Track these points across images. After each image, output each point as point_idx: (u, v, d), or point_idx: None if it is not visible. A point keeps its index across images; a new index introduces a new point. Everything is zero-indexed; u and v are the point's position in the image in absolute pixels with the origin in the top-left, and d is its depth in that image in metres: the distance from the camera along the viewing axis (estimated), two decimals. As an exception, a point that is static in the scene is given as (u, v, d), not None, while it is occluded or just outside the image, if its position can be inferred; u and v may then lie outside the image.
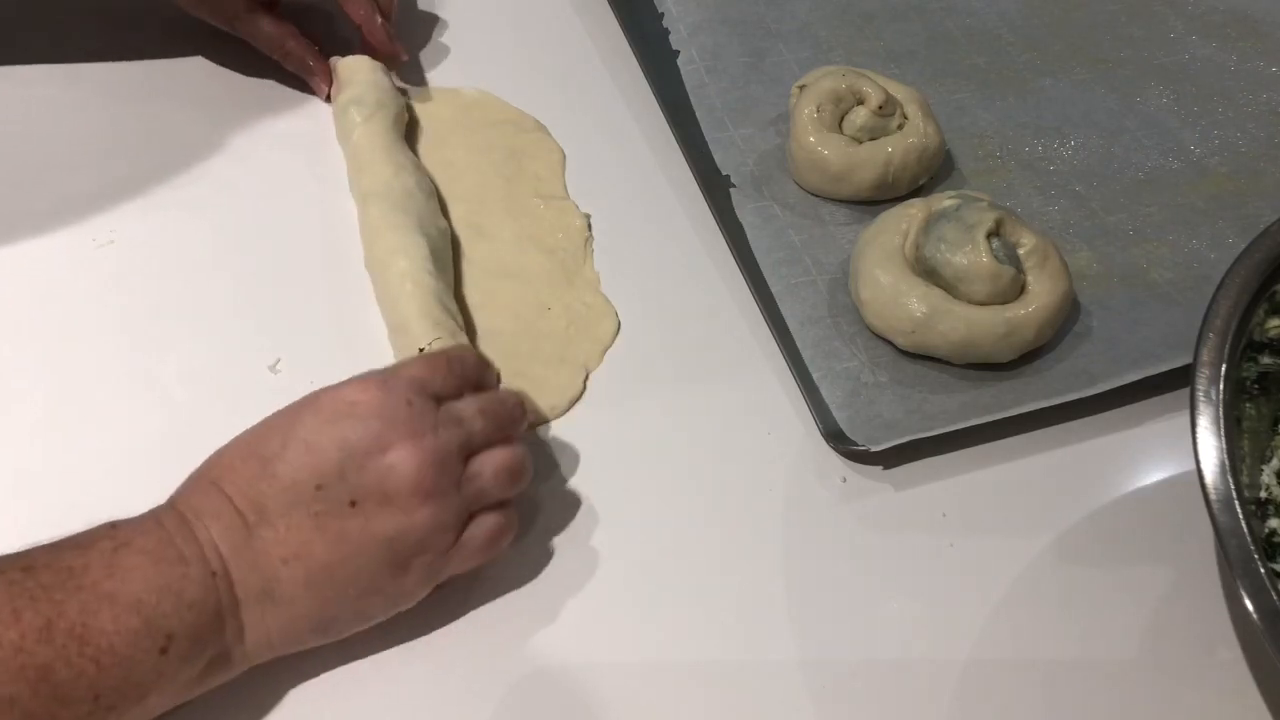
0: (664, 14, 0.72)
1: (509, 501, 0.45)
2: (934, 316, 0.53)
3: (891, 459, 0.52)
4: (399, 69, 0.66)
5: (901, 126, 0.62)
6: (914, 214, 0.56)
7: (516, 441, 0.45)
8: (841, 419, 0.52)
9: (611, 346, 0.56)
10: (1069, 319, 0.56)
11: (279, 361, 0.53)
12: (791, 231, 0.61)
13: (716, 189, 0.62)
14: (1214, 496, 0.42)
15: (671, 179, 0.64)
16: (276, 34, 0.63)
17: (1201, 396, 0.44)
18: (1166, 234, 0.62)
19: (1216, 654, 0.47)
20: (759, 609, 0.47)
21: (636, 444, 0.52)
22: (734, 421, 0.53)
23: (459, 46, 0.70)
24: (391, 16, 0.65)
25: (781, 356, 0.55)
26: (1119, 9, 0.77)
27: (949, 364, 0.55)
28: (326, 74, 0.64)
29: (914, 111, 0.62)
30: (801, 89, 0.63)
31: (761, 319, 0.57)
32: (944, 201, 0.56)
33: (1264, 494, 0.48)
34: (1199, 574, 0.49)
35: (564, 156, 0.64)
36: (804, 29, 0.72)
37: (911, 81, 0.66)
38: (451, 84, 0.68)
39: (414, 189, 0.57)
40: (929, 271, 0.54)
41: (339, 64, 0.63)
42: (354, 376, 0.43)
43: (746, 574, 0.48)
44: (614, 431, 0.52)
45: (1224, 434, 0.43)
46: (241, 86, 0.65)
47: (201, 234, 0.58)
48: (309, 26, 0.64)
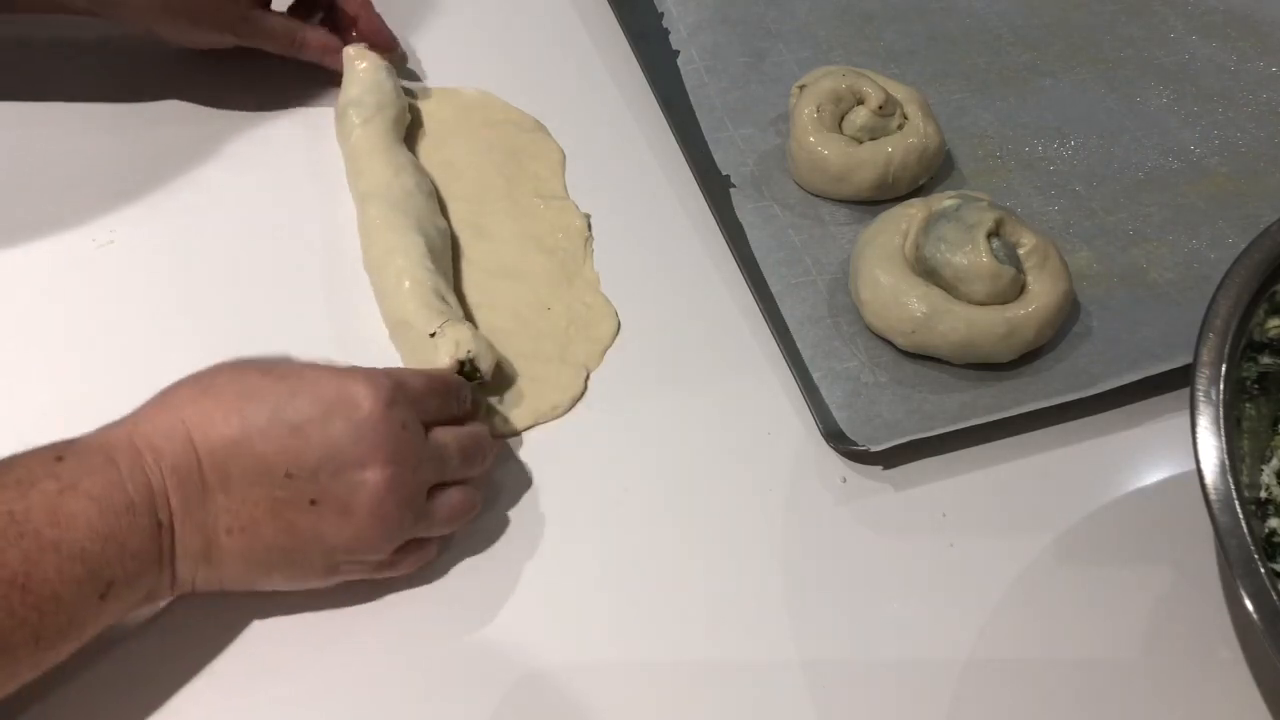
0: (664, 14, 0.72)
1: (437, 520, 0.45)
2: (934, 316, 0.53)
3: (891, 459, 0.52)
4: (397, 65, 0.65)
5: (901, 126, 0.62)
6: (914, 214, 0.56)
7: (473, 482, 0.46)
8: (841, 419, 0.52)
9: (611, 346, 0.56)
10: (1069, 319, 0.57)
11: (279, 361, 0.53)
12: (791, 231, 0.61)
13: (716, 189, 0.62)
14: (1214, 496, 0.42)
15: (671, 179, 0.64)
16: (286, 26, 0.62)
17: (1201, 396, 0.44)
18: (1166, 234, 0.62)
19: (1216, 654, 0.47)
20: (759, 609, 0.47)
21: (636, 444, 0.52)
22: (734, 422, 0.53)
23: (459, 46, 0.70)
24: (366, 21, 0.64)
25: (781, 356, 0.55)
26: (1119, 9, 0.77)
27: (949, 364, 0.55)
28: (339, 55, 0.63)
29: (914, 111, 0.62)
30: (801, 89, 0.63)
31: (761, 319, 0.57)
32: (944, 201, 0.56)
33: (1264, 494, 0.48)
34: (1199, 574, 0.49)
35: (564, 156, 0.64)
36: (804, 29, 0.72)
37: (911, 81, 0.66)
38: (451, 84, 0.68)
39: (413, 189, 0.57)
40: (929, 271, 0.54)
41: (345, 52, 0.63)
42: (361, 369, 0.43)
43: (746, 574, 0.48)
44: (614, 431, 0.52)
45: (1224, 434, 0.43)
46: (242, 89, 0.65)
47: (201, 235, 0.58)
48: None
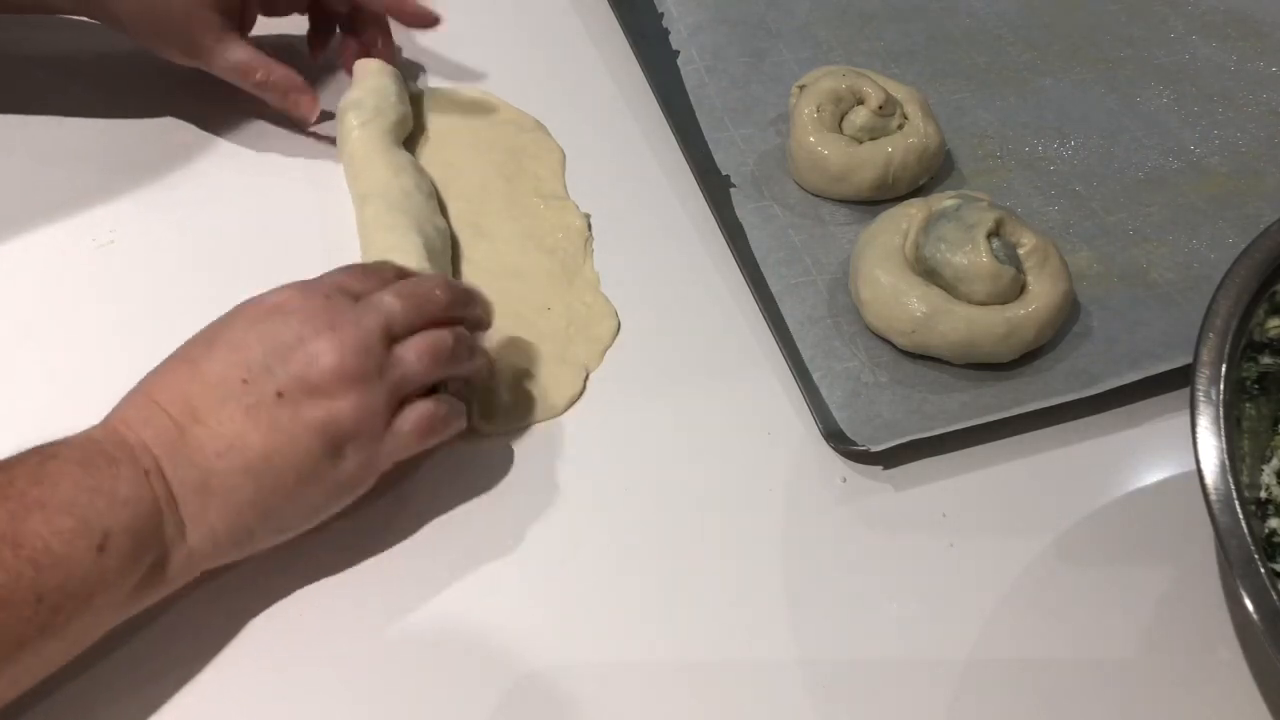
0: (664, 14, 0.72)
1: (443, 387, 0.46)
2: (934, 316, 0.53)
3: (891, 459, 0.52)
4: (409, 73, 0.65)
5: (901, 126, 0.62)
6: (914, 214, 0.56)
7: (443, 326, 0.46)
8: (841, 419, 0.52)
9: (611, 346, 0.56)
10: (1069, 319, 0.57)
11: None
12: (791, 231, 0.61)
13: (716, 189, 0.62)
14: (1214, 496, 0.42)
15: (671, 179, 0.64)
16: (249, 59, 0.59)
17: (1201, 396, 0.44)
18: (1166, 234, 0.62)
19: (1216, 654, 0.47)
20: (759, 609, 0.47)
21: (636, 444, 0.52)
22: (734, 421, 0.53)
23: (459, 46, 0.70)
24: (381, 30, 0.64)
25: (781, 356, 0.55)
26: (1119, 9, 0.77)
27: (949, 364, 0.55)
28: (309, 97, 0.61)
29: (914, 111, 0.62)
30: (801, 89, 0.63)
31: (761, 319, 0.57)
32: (944, 201, 0.56)
33: (1264, 494, 0.48)
34: (1199, 574, 0.49)
35: (564, 156, 0.64)
36: (804, 29, 0.73)
37: (911, 81, 0.66)
38: (451, 84, 0.68)
39: (412, 189, 0.57)
40: (929, 271, 0.54)
41: (357, 65, 0.63)
42: (275, 287, 0.45)
43: (746, 574, 0.48)
44: (614, 431, 0.52)
45: (1224, 434, 0.43)
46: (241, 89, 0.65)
47: (201, 234, 0.58)
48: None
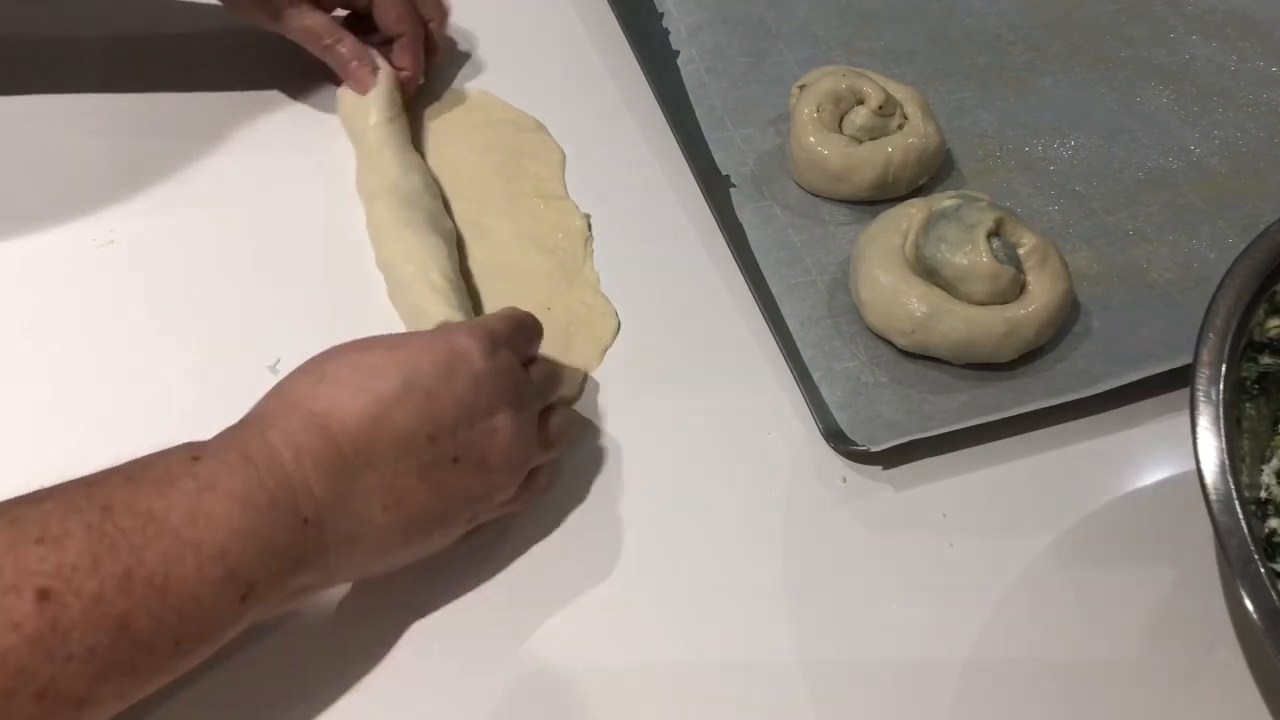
0: (664, 14, 0.72)
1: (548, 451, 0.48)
2: (934, 316, 0.53)
3: (891, 459, 0.52)
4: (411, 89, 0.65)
5: (901, 126, 0.62)
6: (914, 214, 0.56)
7: (561, 403, 0.49)
8: (841, 419, 0.52)
9: (611, 346, 0.56)
10: (1069, 319, 0.57)
11: (279, 361, 0.53)
12: (791, 231, 0.61)
13: (716, 189, 0.62)
14: (1214, 496, 0.42)
15: (671, 179, 0.64)
16: (319, 27, 0.61)
17: (1201, 396, 0.44)
18: (1166, 234, 0.62)
19: (1216, 654, 0.47)
20: (759, 609, 0.47)
21: (636, 444, 0.52)
22: (734, 421, 0.53)
23: (459, 46, 0.70)
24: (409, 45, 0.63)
25: (781, 356, 0.55)
26: (1119, 9, 0.77)
27: (949, 364, 0.55)
28: (368, 70, 0.62)
29: (914, 111, 0.62)
30: (801, 89, 0.63)
31: (761, 319, 0.57)
32: (944, 201, 0.56)
33: (1264, 494, 0.48)
34: (1199, 574, 0.49)
35: (564, 156, 0.64)
36: (804, 29, 0.72)
37: (911, 81, 0.66)
38: (451, 84, 0.68)
39: (421, 189, 0.58)
40: (929, 271, 0.54)
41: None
42: (452, 324, 0.46)
43: (746, 574, 0.48)
44: (613, 431, 0.52)
45: (1224, 434, 0.43)
46: (246, 86, 0.65)
47: (201, 234, 0.58)
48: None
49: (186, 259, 0.57)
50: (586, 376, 0.54)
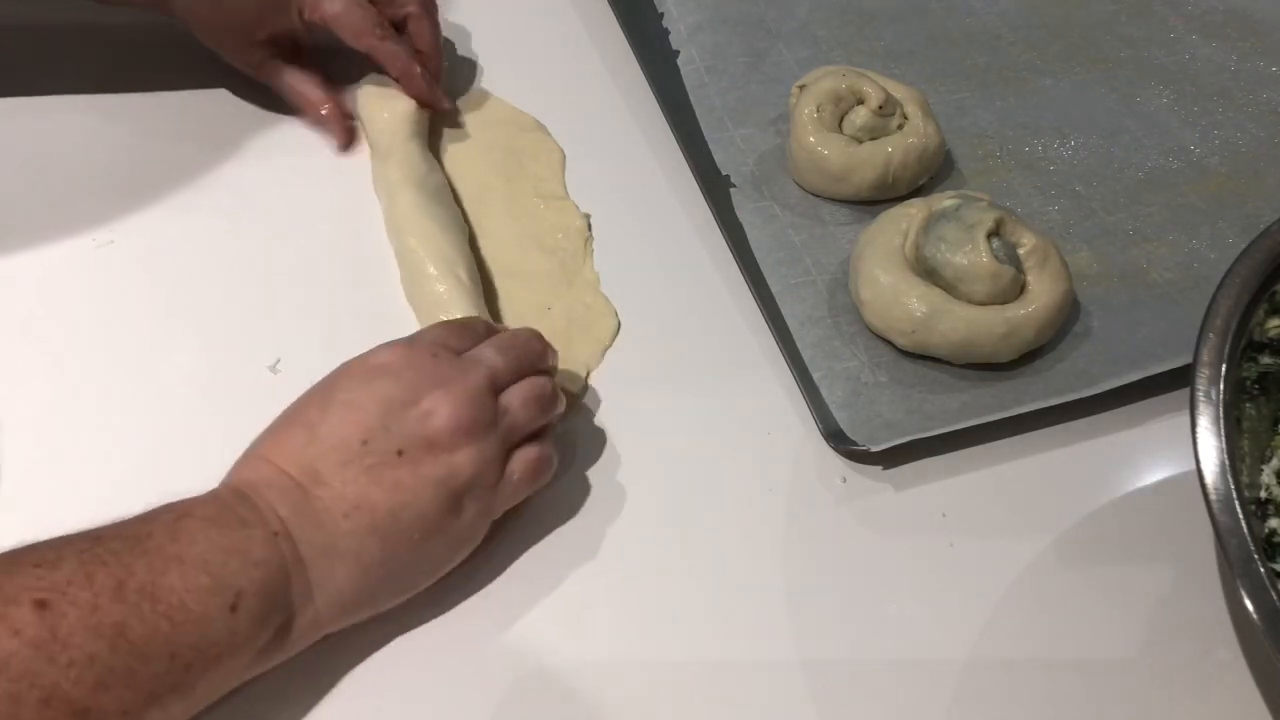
0: (664, 14, 0.72)
1: (545, 433, 0.47)
2: (934, 316, 0.53)
3: (891, 459, 0.52)
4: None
5: (901, 126, 0.62)
6: (914, 214, 0.56)
7: (541, 375, 0.48)
8: (842, 419, 0.52)
9: (611, 346, 0.56)
10: (1069, 319, 0.57)
11: (279, 362, 0.53)
12: (791, 231, 0.61)
13: (716, 189, 0.62)
14: (1214, 496, 0.42)
15: (671, 179, 0.64)
16: (297, 87, 0.62)
17: (1201, 396, 0.44)
18: (1166, 234, 0.62)
19: (1216, 654, 0.47)
20: (759, 609, 0.47)
21: (636, 444, 0.52)
22: (734, 421, 0.53)
23: (459, 47, 0.70)
24: (433, 66, 0.63)
25: (781, 356, 0.55)
26: (1119, 9, 0.77)
27: (949, 364, 0.55)
28: (345, 128, 0.63)
29: (914, 111, 0.62)
30: (801, 89, 0.63)
31: (761, 319, 0.57)
32: (944, 201, 0.56)
33: (1264, 494, 0.48)
34: (1199, 574, 0.49)
35: (564, 156, 0.64)
36: (804, 29, 0.72)
37: (911, 81, 0.66)
38: (452, 84, 0.68)
39: (443, 185, 0.59)
40: (929, 271, 0.54)
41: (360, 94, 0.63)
42: (377, 346, 0.46)
43: (746, 574, 0.48)
44: (613, 431, 0.52)
45: (1224, 434, 0.43)
46: (253, 93, 0.65)
47: (201, 233, 0.58)
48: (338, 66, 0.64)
49: (186, 258, 0.57)
50: (587, 376, 0.54)
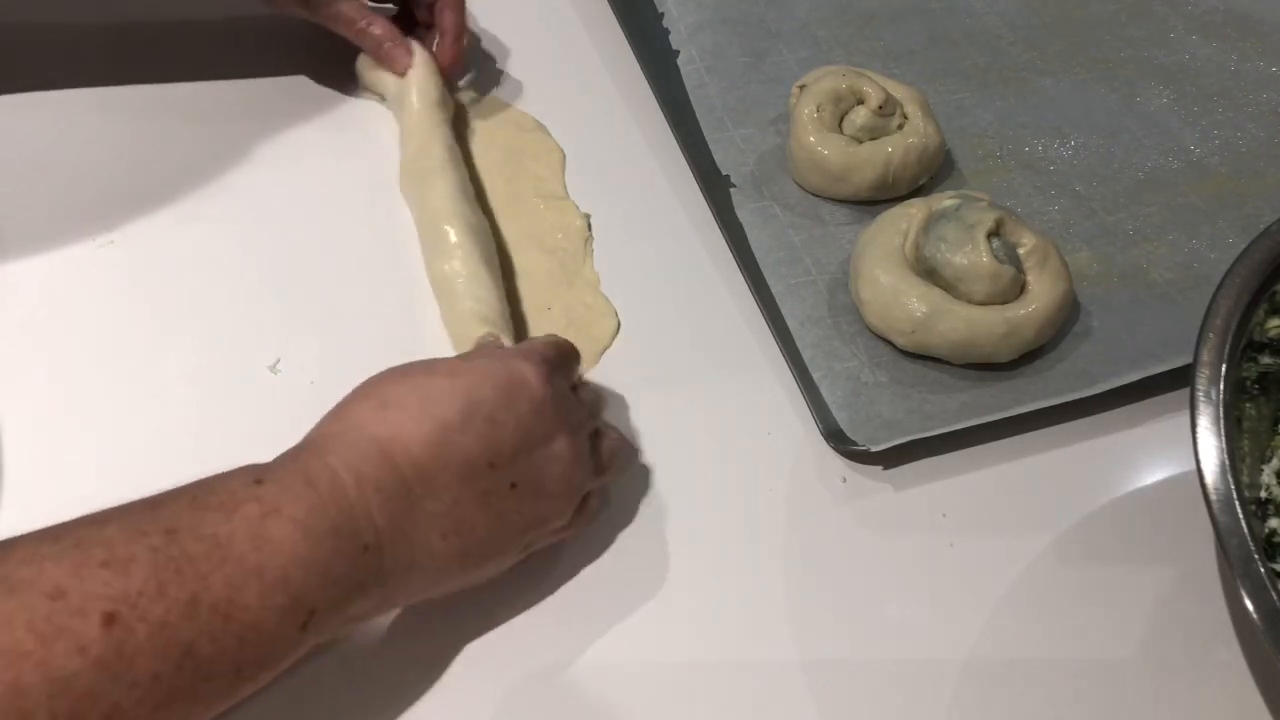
0: (664, 14, 0.72)
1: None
2: (934, 316, 0.53)
3: (891, 459, 0.52)
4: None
5: (901, 126, 0.62)
6: (914, 214, 0.56)
7: (610, 429, 0.48)
8: (841, 419, 0.52)
9: (611, 346, 0.56)
10: (1069, 319, 0.57)
11: (279, 361, 0.53)
12: (791, 231, 0.61)
13: (716, 189, 0.62)
14: (1214, 496, 0.42)
15: (671, 179, 0.64)
16: (353, 14, 0.62)
17: (1201, 396, 0.44)
18: (1166, 234, 0.62)
19: (1216, 654, 0.47)
20: (759, 609, 0.47)
21: (636, 444, 0.52)
22: (734, 421, 0.53)
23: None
24: (449, 37, 0.64)
25: (781, 356, 0.55)
26: (1119, 9, 0.77)
27: (949, 364, 0.55)
28: (404, 50, 0.62)
29: (914, 111, 0.62)
30: (801, 89, 0.63)
31: (761, 319, 0.57)
32: (944, 201, 0.56)
33: (1264, 494, 0.48)
34: (1199, 574, 0.49)
35: (564, 156, 0.64)
36: (804, 29, 0.72)
37: (911, 81, 0.66)
38: (452, 84, 0.68)
39: (468, 181, 0.59)
40: (929, 271, 0.54)
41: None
42: (508, 349, 0.46)
43: (746, 574, 0.48)
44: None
45: (1224, 434, 0.43)
46: (255, 93, 0.65)
47: (201, 232, 0.58)
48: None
49: (187, 258, 0.57)
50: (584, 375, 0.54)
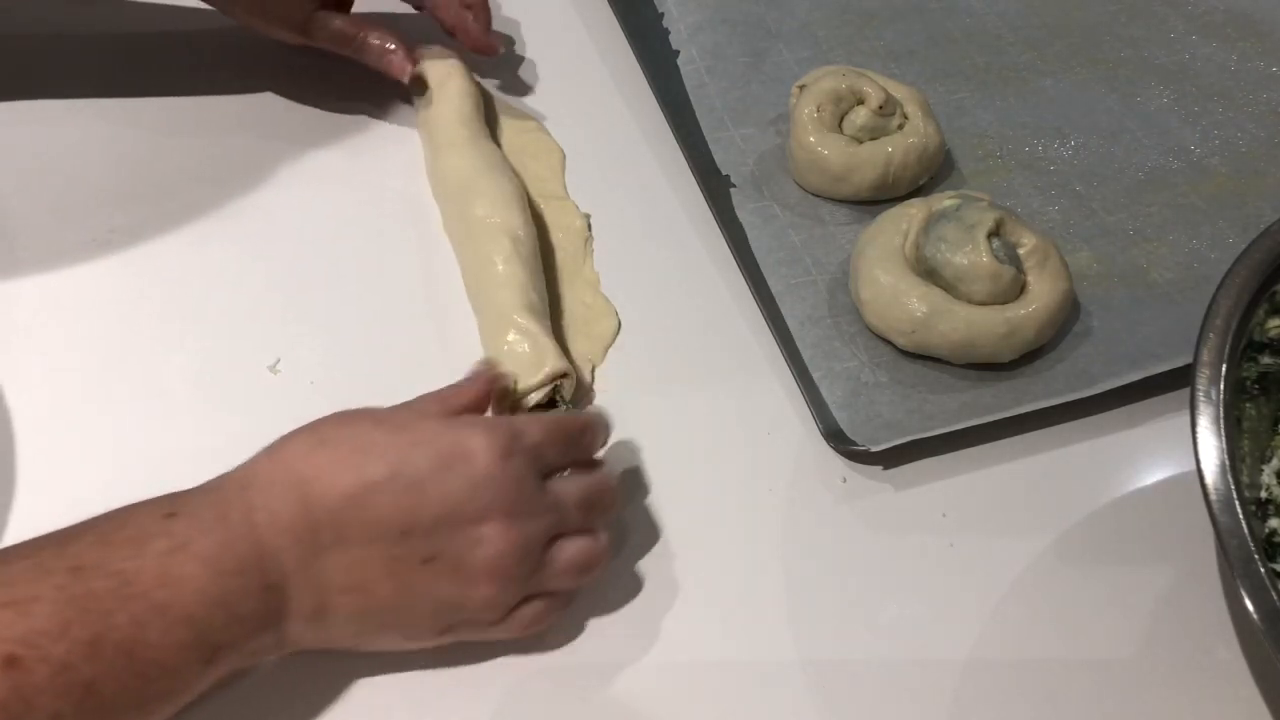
0: (664, 14, 0.72)
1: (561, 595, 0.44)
2: (934, 316, 0.53)
3: (891, 459, 0.52)
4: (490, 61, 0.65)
5: (901, 126, 0.62)
6: (914, 214, 0.56)
7: (600, 531, 0.44)
8: (842, 419, 0.52)
9: (611, 346, 0.56)
10: (1069, 319, 0.56)
11: (279, 361, 0.53)
12: (791, 231, 0.61)
13: (716, 189, 0.62)
14: (1214, 496, 0.42)
15: (671, 179, 0.64)
16: (347, 28, 0.60)
17: (1201, 396, 0.44)
18: (1166, 234, 0.62)
19: (1216, 654, 0.47)
20: (759, 609, 0.47)
21: (636, 444, 0.52)
22: (734, 421, 0.53)
23: (458, 47, 0.70)
24: (483, 16, 0.63)
25: (781, 356, 0.55)
26: (1119, 9, 0.77)
27: (949, 364, 0.55)
28: (402, 62, 0.60)
29: (914, 111, 0.62)
30: (801, 89, 0.63)
31: (761, 319, 0.57)
32: (944, 201, 0.56)
33: (1264, 494, 0.48)
34: (1199, 574, 0.49)
35: (564, 156, 0.64)
36: (804, 29, 0.72)
37: (911, 81, 0.66)
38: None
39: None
40: (929, 271, 0.54)
41: (426, 66, 0.62)
42: (478, 419, 0.43)
43: (747, 574, 0.48)
44: (614, 431, 0.52)
45: (1224, 434, 0.43)
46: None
47: (203, 234, 0.58)
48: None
49: (187, 258, 0.57)
50: (580, 375, 0.54)
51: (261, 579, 0.37)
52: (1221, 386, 0.44)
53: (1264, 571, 0.40)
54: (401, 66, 0.61)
